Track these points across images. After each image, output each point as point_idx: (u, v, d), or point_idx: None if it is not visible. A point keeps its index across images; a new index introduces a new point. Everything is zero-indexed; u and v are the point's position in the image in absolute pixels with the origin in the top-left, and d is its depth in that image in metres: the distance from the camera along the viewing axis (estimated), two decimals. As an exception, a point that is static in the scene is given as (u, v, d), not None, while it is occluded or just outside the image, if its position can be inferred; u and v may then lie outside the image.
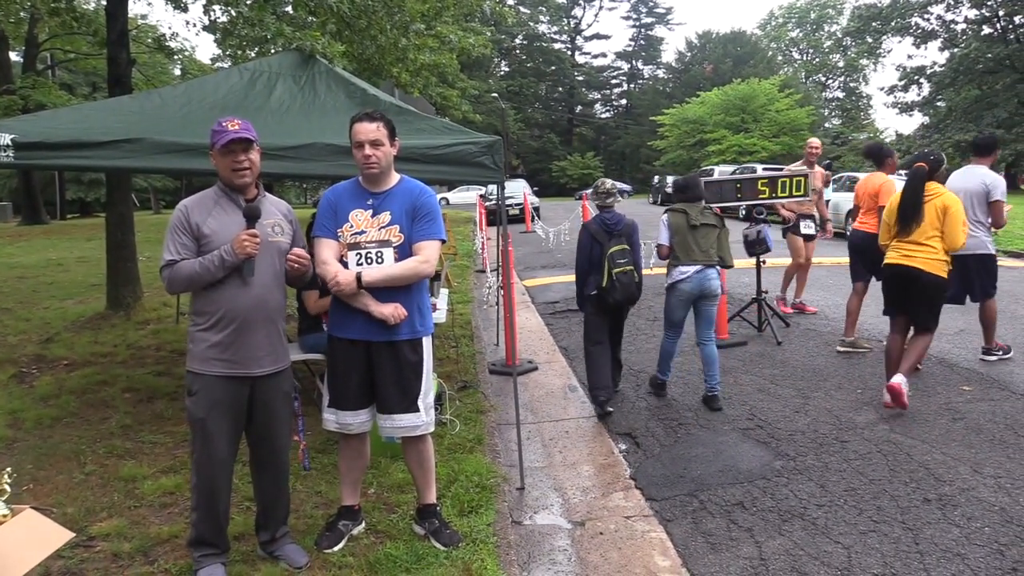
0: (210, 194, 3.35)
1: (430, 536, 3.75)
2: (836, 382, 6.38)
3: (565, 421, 5.90)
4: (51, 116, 5.09)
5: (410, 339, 3.57)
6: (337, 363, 3.62)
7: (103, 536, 3.79)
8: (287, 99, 5.32)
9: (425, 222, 3.55)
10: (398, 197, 3.56)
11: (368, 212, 3.53)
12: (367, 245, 3.49)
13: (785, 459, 4.88)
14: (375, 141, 3.44)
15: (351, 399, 3.60)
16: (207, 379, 3.23)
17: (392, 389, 3.56)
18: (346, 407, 3.61)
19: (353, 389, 3.59)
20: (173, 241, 3.23)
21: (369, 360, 3.55)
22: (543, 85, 71.89)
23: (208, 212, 3.27)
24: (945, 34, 41.70)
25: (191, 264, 3.18)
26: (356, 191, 3.60)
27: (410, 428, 3.63)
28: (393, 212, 3.52)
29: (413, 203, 3.55)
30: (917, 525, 3.95)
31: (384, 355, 3.53)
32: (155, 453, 4.93)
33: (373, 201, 3.54)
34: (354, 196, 3.58)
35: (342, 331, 3.57)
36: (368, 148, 3.44)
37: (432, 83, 18.14)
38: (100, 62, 25.62)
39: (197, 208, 3.28)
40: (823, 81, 75.67)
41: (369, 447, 3.91)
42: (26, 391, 6.30)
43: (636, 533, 4.06)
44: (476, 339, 8.34)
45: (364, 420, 3.66)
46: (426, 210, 3.56)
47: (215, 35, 9.78)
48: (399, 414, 3.59)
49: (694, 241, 5.95)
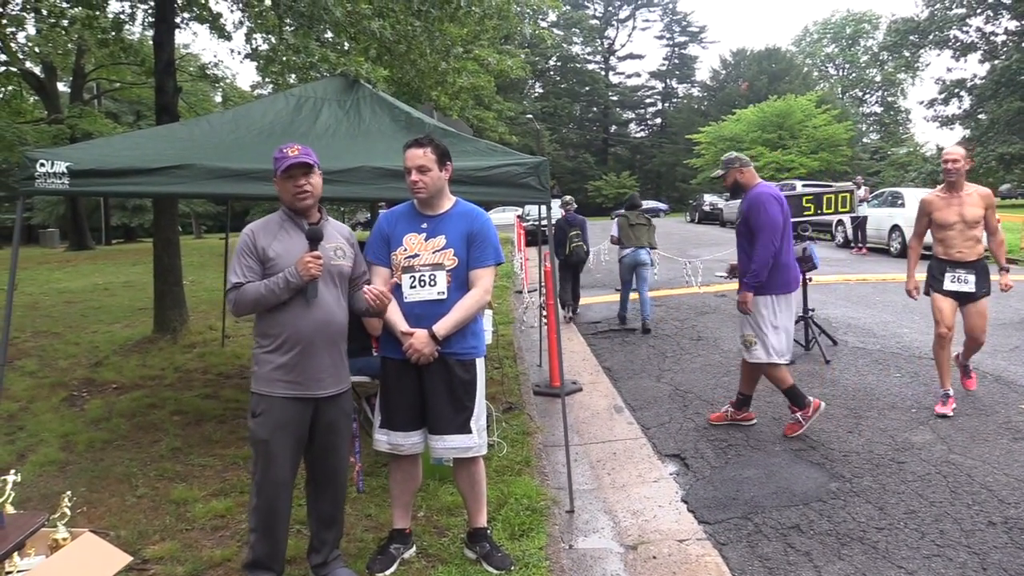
0: (275, 218, 3.40)
1: (482, 560, 3.70)
2: (889, 401, 6.23)
3: (612, 443, 5.83)
4: (104, 144, 5.20)
5: (462, 359, 3.57)
6: (389, 383, 3.63)
7: (156, 559, 3.81)
8: (333, 124, 5.38)
9: (481, 248, 3.57)
10: (453, 220, 3.58)
11: (422, 236, 3.56)
12: (420, 268, 3.51)
13: (841, 480, 4.76)
14: (422, 167, 3.49)
15: (402, 419, 3.59)
16: (271, 400, 3.25)
17: (445, 409, 3.54)
18: (398, 427, 3.60)
19: (405, 409, 3.59)
20: (240, 264, 3.28)
21: (421, 380, 3.55)
22: (577, 105, 71.94)
23: (273, 236, 3.33)
24: (985, 46, 41.07)
25: (257, 287, 3.22)
26: (411, 214, 3.64)
27: (462, 449, 3.61)
28: (448, 236, 3.54)
29: (469, 227, 3.57)
30: (983, 549, 3.82)
31: (436, 375, 3.53)
32: (205, 476, 4.96)
33: (427, 225, 3.57)
34: (409, 219, 3.62)
35: (394, 351, 3.57)
36: (415, 174, 3.49)
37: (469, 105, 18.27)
38: (144, 91, 26.28)
39: (263, 232, 3.34)
40: (860, 96, 74.88)
41: (421, 469, 3.89)
42: (77, 414, 6.39)
43: (690, 557, 3.98)
44: (519, 360, 8.31)
45: (416, 441, 3.64)
46: (482, 235, 3.57)
47: (258, 63, 9.94)
48: (452, 435, 3.57)
49: (632, 233, 10.15)
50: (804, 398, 5.57)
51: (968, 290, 5.84)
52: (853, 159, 52.17)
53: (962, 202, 5.81)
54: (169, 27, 9.32)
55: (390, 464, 3.79)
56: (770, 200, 5.44)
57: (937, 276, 5.96)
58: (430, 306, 3.51)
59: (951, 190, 5.88)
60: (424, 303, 3.52)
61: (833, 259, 16.72)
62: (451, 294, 3.52)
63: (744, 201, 5.64)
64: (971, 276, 5.83)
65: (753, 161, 5.94)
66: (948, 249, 5.88)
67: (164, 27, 9.21)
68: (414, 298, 3.53)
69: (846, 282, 12.97)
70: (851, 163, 50.40)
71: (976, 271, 5.85)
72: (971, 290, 5.84)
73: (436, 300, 3.51)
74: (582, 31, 71.16)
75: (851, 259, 17.36)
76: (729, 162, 5.74)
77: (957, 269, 5.85)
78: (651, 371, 7.83)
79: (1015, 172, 38.51)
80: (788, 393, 5.59)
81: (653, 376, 7.62)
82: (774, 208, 5.42)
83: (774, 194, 5.51)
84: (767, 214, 5.40)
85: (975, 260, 5.86)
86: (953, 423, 5.58)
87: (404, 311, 3.53)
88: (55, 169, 4.16)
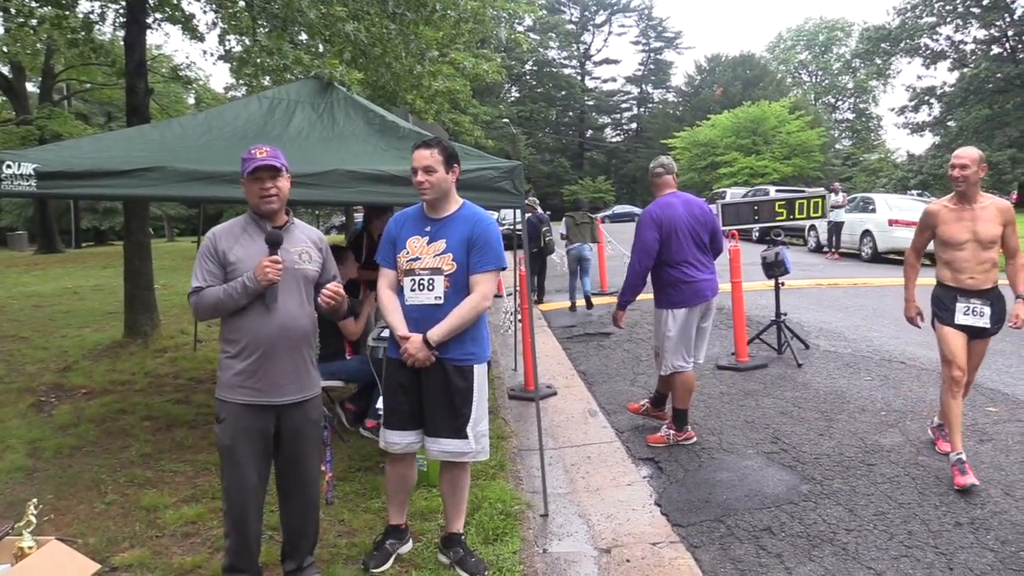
0: (239, 222, 3.36)
1: (455, 565, 3.70)
2: (859, 404, 6.30)
3: (587, 446, 5.84)
4: (73, 145, 5.13)
5: (459, 365, 3.56)
6: (389, 383, 3.66)
7: (126, 567, 3.75)
8: (306, 127, 5.35)
9: (482, 252, 3.55)
10: (456, 224, 3.58)
11: (425, 239, 3.57)
12: (420, 272, 3.53)
13: (812, 483, 4.80)
14: (427, 167, 3.50)
15: (398, 419, 3.61)
16: (234, 407, 3.21)
17: (441, 412, 3.56)
18: (393, 427, 3.62)
19: (400, 409, 3.60)
20: (201, 268, 3.24)
21: (419, 383, 3.56)
22: (553, 110, 72.21)
23: (235, 239, 3.28)
24: (955, 54, 41.84)
25: (216, 291, 3.18)
26: (418, 217, 3.66)
27: (457, 454, 3.61)
28: (448, 240, 3.54)
29: (471, 232, 3.56)
30: (950, 550, 3.87)
31: (433, 379, 3.54)
32: (176, 482, 4.90)
33: (431, 228, 3.59)
34: (415, 222, 3.64)
35: (395, 351, 3.60)
36: (421, 174, 3.51)
37: (445, 109, 18.25)
38: (115, 92, 25.97)
39: (225, 236, 3.29)
40: (832, 103, 75.78)
41: (415, 469, 3.92)
42: (45, 420, 6.30)
43: (664, 560, 3.99)
44: (495, 364, 8.31)
45: (410, 442, 3.65)
46: (483, 240, 3.56)
47: (231, 64, 9.87)
48: (447, 439, 3.58)
49: (578, 231, 12.25)
50: (686, 424, 5.69)
51: (983, 325, 4.74)
52: (825, 165, 52.81)
53: (975, 216, 4.74)
54: (140, 27, 9.21)
55: (387, 462, 3.80)
56: (646, 222, 5.43)
57: (947, 306, 4.81)
58: (427, 310, 3.51)
59: (962, 201, 4.81)
60: (422, 307, 3.52)
61: (806, 263, 16.88)
62: (449, 299, 3.51)
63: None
64: (987, 308, 4.73)
65: (727, 167, 5.98)
66: (957, 274, 4.77)
67: (135, 27, 9.10)
68: (413, 301, 3.54)
69: (818, 286, 13.11)
70: (823, 169, 51.01)
71: (992, 301, 4.75)
72: (986, 325, 4.75)
73: (433, 305, 3.51)
74: (558, 36, 71.41)
75: (823, 263, 17.55)
76: (653, 167, 5.73)
77: (971, 299, 4.73)
78: (625, 375, 7.85)
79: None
80: (678, 413, 5.67)
81: (627, 380, 7.65)
82: (647, 232, 5.40)
83: (654, 214, 5.45)
84: (641, 238, 5.43)
85: (991, 288, 4.75)
86: (922, 425, 5.64)
87: (404, 313, 3.54)
88: (22, 171, 4.08)
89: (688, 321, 5.49)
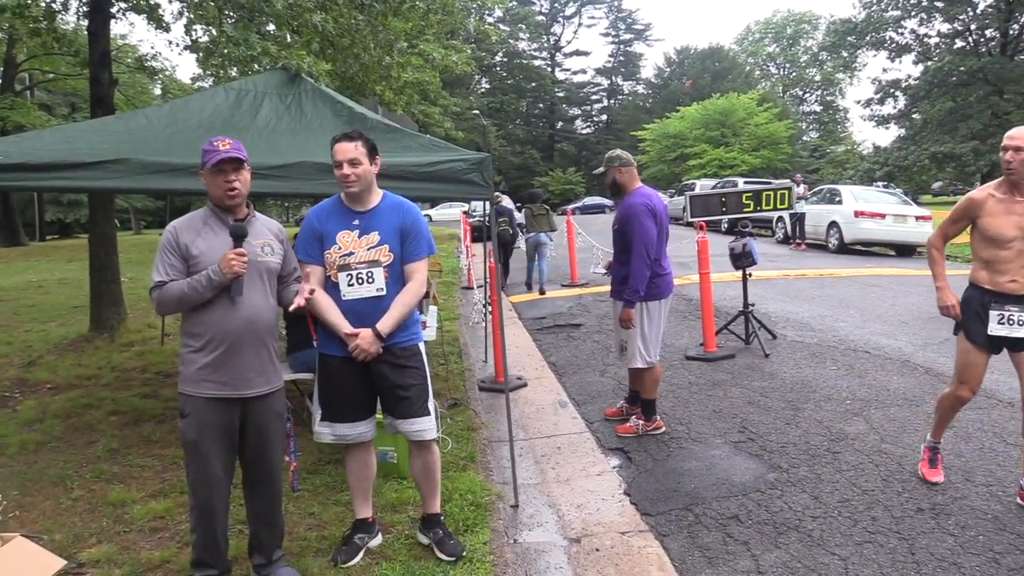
0: (200, 215, 3.33)
1: (434, 546, 3.75)
2: (825, 393, 6.39)
3: (557, 437, 5.88)
4: (35, 137, 5.04)
5: (405, 346, 3.62)
6: (331, 378, 3.63)
7: (93, 563, 3.72)
8: (273, 118, 5.31)
9: (415, 242, 3.62)
10: (384, 215, 3.60)
11: (355, 233, 3.56)
12: (357, 266, 3.52)
13: (778, 471, 4.88)
14: (353, 160, 3.49)
15: (349, 411, 3.62)
16: (198, 401, 3.19)
17: (403, 393, 3.59)
18: (343, 419, 3.63)
19: (350, 402, 3.61)
20: (162, 262, 3.20)
21: (368, 373, 3.57)
22: (524, 102, 72.04)
23: (197, 233, 3.25)
24: (919, 48, 42.36)
25: (180, 285, 3.15)
26: (341, 211, 3.63)
27: (429, 431, 3.68)
28: (381, 232, 3.56)
29: (401, 222, 3.60)
30: (912, 535, 3.96)
31: (384, 366, 3.56)
32: (143, 477, 4.86)
33: (359, 221, 3.58)
34: (340, 216, 3.61)
35: (334, 348, 3.57)
36: (347, 167, 3.48)
37: (414, 101, 18.18)
38: (79, 82, 25.52)
39: (186, 229, 3.26)
40: (800, 95, 76.55)
41: (374, 456, 3.93)
42: (9, 416, 6.21)
43: (632, 549, 4.04)
44: (465, 356, 8.32)
45: (363, 431, 3.68)
46: (415, 229, 3.62)
47: (197, 55, 9.73)
48: (420, 417, 3.64)
49: (535, 221, 13.17)
50: (655, 414, 5.75)
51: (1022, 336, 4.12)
52: (793, 157, 53.33)
53: None
54: (104, 17, 9.06)
55: (344, 455, 3.80)
56: (644, 212, 5.35)
57: (977, 315, 4.19)
58: (370, 303, 3.52)
59: (1013, 191, 4.07)
60: (364, 300, 3.53)
61: (773, 254, 17.06)
62: (389, 289, 3.55)
63: (620, 207, 5.60)
64: None
65: (696, 158, 6.00)
66: (997, 276, 4.11)
67: (99, 17, 8.95)
68: (353, 296, 3.53)
69: (785, 277, 13.25)
70: (791, 160, 51.50)
71: None
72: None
73: (375, 297, 3.53)
74: (528, 27, 71.25)
75: (790, 255, 17.74)
76: (609, 160, 5.59)
77: (1009, 306, 4.08)
78: (595, 366, 7.90)
79: (947, 170, 39.81)
80: (646, 403, 5.73)
81: (597, 371, 7.69)
82: (648, 221, 5.34)
83: (649, 204, 5.40)
84: (641, 227, 5.32)
85: None
86: (885, 413, 5.75)
87: (343, 309, 3.53)
88: (-18, 163, 4.02)
89: (661, 313, 5.54)
